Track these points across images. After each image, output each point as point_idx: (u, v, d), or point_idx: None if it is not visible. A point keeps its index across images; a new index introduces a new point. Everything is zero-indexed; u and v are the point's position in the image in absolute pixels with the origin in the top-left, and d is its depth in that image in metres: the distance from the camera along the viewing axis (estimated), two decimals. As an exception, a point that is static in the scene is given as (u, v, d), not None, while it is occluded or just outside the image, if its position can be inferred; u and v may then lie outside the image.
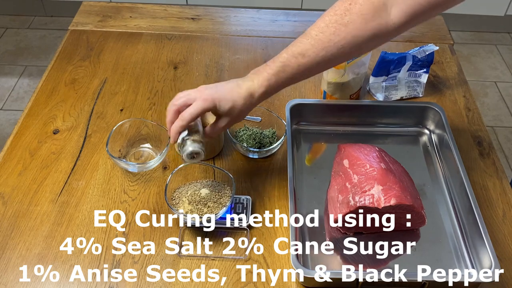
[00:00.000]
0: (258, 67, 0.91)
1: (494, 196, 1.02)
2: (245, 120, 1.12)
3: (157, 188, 1.02)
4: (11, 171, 1.04)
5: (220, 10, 1.52)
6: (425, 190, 1.02)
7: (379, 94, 1.22)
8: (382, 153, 0.98)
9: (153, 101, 1.21)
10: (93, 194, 1.00)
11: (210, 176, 1.01)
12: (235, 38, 1.42)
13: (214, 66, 1.32)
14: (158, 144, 1.07)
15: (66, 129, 1.13)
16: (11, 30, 2.88)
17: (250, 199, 0.97)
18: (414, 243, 0.93)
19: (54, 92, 1.22)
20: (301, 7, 2.76)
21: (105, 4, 1.53)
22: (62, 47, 1.37)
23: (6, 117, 2.36)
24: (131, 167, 1.03)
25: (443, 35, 1.45)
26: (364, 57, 1.14)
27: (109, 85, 1.25)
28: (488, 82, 2.62)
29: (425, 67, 1.21)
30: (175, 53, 1.36)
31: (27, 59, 2.68)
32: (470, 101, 1.24)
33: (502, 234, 0.96)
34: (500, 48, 2.85)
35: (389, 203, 0.87)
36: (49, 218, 0.96)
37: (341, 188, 0.94)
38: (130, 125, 1.07)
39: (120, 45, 1.38)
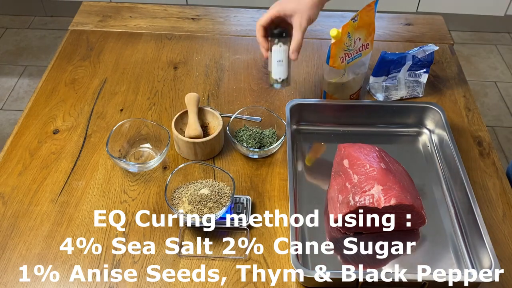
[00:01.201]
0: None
1: (494, 196, 1.02)
2: (245, 120, 1.12)
3: (157, 188, 1.02)
4: (11, 171, 1.04)
5: (220, 10, 1.52)
6: (425, 190, 1.02)
7: (379, 94, 1.22)
8: (382, 153, 0.98)
9: (153, 101, 1.21)
10: (93, 194, 1.00)
11: (210, 176, 1.01)
12: (235, 38, 1.42)
13: (214, 66, 1.32)
14: (158, 144, 1.07)
15: (66, 129, 1.13)
16: (11, 30, 2.87)
17: (250, 199, 0.97)
18: (414, 243, 0.93)
19: (54, 92, 1.22)
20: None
21: (105, 4, 1.53)
22: (62, 47, 1.37)
23: (6, 117, 2.36)
24: (131, 167, 1.03)
25: (443, 35, 1.45)
26: (364, 57, 1.14)
27: (109, 85, 1.25)
28: (488, 82, 2.62)
29: (425, 67, 1.21)
30: (175, 53, 1.36)
31: (27, 59, 2.68)
32: (470, 101, 1.24)
33: (502, 234, 0.96)
34: (500, 48, 2.85)
35: (389, 203, 0.87)
36: (49, 218, 0.96)
37: (341, 188, 0.94)
38: (130, 125, 1.07)
39: (120, 45, 1.38)
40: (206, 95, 1.23)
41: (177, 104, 1.20)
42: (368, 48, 1.13)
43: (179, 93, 1.23)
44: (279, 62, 1.01)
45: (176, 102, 1.21)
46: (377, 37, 1.23)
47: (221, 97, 1.22)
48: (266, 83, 1.26)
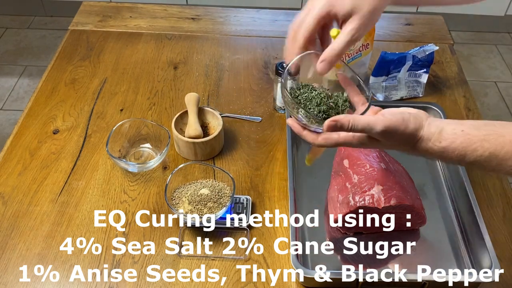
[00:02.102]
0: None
1: (494, 196, 1.02)
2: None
3: (157, 188, 1.02)
4: (11, 171, 1.04)
5: (220, 10, 1.52)
6: (425, 190, 1.02)
7: (379, 94, 1.22)
8: (382, 153, 0.98)
9: (153, 101, 1.21)
10: (93, 194, 1.00)
11: (210, 176, 1.01)
12: (235, 38, 1.42)
13: (214, 66, 1.32)
14: (158, 144, 1.07)
15: (66, 129, 1.13)
16: (11, 30, 2.87)
17: (250, 199, 0.97)
18: (414, 243, 0.93)
19: (54, 92, 1.22)
20: (301, 7, 2.76)
21: (105, 4, 1.53)
22: (62, 47, 1.37)
23: (6, 117, 2.36)
24: (131, 167, 1.03)
25: (443, 35, 1.45)
26: (364, 57, 1.14)
27: (109, 85, 1.25)
28: (488, 82, 2.62)
29: (425, 67, 1.21)
30: (175, 53, 1.36)
31: (27, 59, 2.68)
32: (470, 101, 1.24)
33: (502, 234, 0.96)
34: (500, 48, 2.85)
35: (389, 203, 0.87)
36: (49, 218, 0.96)
37: (341, 188, 0.94)
38: (130, 125, 1.07)
39: (120, 45, 1.38)
40: (206, 95, 1.23)
41: (177, 104, 1.20)
42: (368, 48, 1.13)
43: (179, 93, 1.23)
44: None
45: (176, 102, 1.21)
46: (377, 37, 1.23)
47: (221, 97, 1.22)
48: (266, 83, 1.26)
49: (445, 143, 0.67)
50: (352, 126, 0.66)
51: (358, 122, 0.66)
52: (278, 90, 1.13)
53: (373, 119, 0.67)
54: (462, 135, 0.67)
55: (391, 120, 0.66)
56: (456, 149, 0.67)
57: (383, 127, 0.66)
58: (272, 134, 1.13)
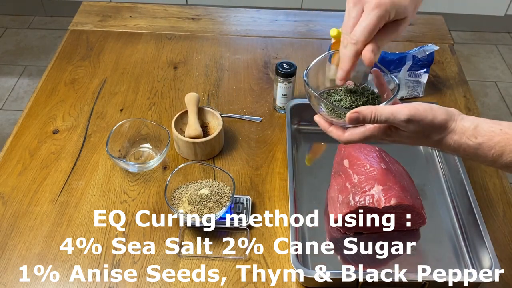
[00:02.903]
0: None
1: (494, 196, 1.02)
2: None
3: (157, 188, 1.02)
4: (11, 171, 1.04)
5: (220, 10, 1.52)
6: (425, 190, 1.02)
7: (379, 94, 1.22)
8: (382, 153, 0.98)
9: (153, 101, 1.21)
10: (93, 194, 1.00)
11: (210, 176, 1.01)
12: (235, 38, 1.42)
13: (214, 66, 1.32)
14: (158, 144, 1.07)
15: (66, 129, 1.13)
16: (11, 30, 2.87)
17: (250, 199, 0.97)
18: (414, 243, 0.93)
19: (54, 92, 1.22)
20: (301, 7, 2.76)
21: (105, 4, 1.53)
22: (62, 47, 1.37)
23: (6, 117, 2.36)
24: (131, 167, 1.03)
25: (443, 35, 1.45)
26: (364, 57, 1.14)
27: (109, 85, 1.25)
28: (488, 82, 2.62)
29: (425, 67, 1.21)
30: (175, 53, 1.36)
31: (27, 59, 2.68)
32: (470, 101, 1.24)
33: (502, 234, 0.96)
34: (500, 48, 2.85)
35: (389, 203, 0.87)
36: (49, 218, 0.96)
37: (341, 188, 0.94)
38: (130, 125, 1.07)
39: (120, 45, 1.37)
40: (206, 95, 1.23)
41: (177, 104, 1.20)
42: (368, 48, 1.12)
43: (179, 93, 1.23)
44: (284, 95, 1.14)
45: (176, 102, 1.21)
46: (377, 37, 1.22)
47: (221, 97, 1.22)
48: (266, 83, 1.26)
49: (481, 139, 0.64)
50: (376, 117, 0.65)
51: (382, 112, 0.65)
52: (278, 90, 1.13)
53: (396, 108, 0.65)
54: (501, 133, 0.64)
55: (416, 109, 0.65)
56: (493, 147, 0.64)
57: (407, 115, 0.64)
58: (272, 134, 1.13)
